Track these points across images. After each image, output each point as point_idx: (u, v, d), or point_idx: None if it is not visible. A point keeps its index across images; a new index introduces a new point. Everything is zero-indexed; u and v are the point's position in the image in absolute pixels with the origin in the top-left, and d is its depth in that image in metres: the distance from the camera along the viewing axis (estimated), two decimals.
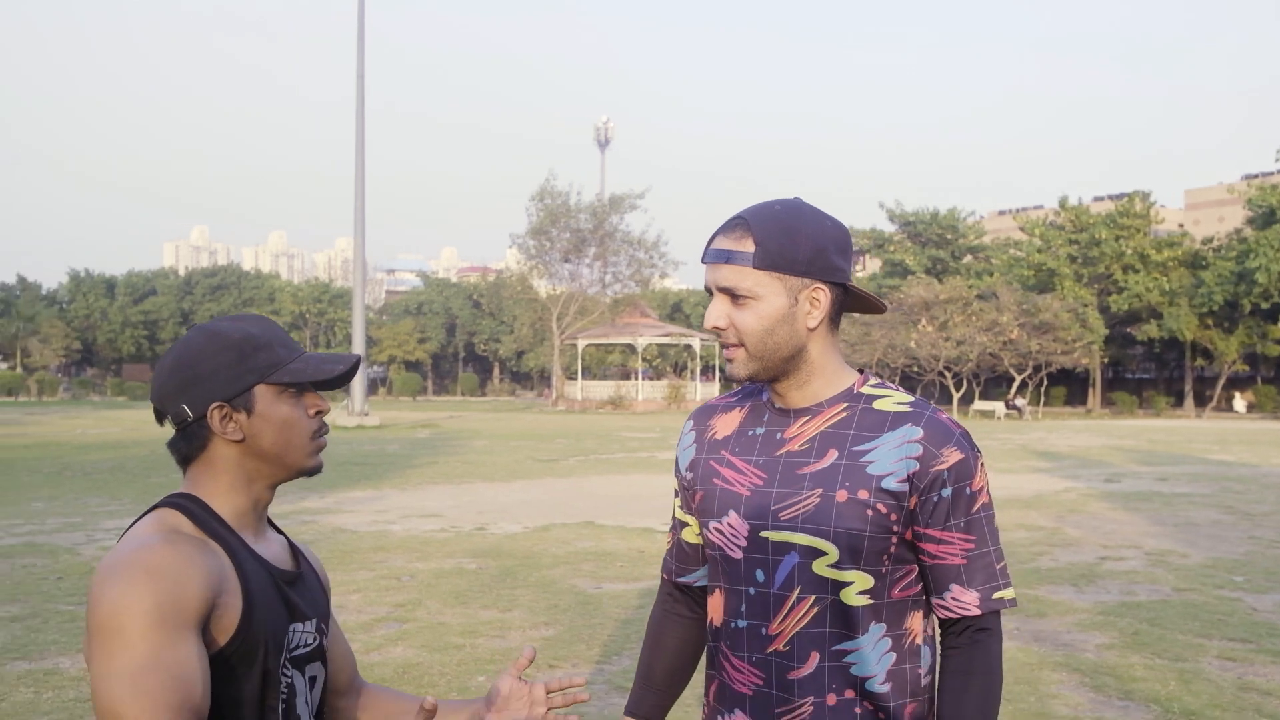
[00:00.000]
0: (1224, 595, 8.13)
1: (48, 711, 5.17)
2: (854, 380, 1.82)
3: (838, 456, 1.75)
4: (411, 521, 11.92)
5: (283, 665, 1.59)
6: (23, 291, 76.09)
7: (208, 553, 1.53)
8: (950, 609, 1.76)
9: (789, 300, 1.74)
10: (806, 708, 1.74)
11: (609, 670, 5.95)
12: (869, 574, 1.72)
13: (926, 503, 1.72)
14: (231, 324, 1.65)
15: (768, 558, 1.76)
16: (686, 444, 1.97)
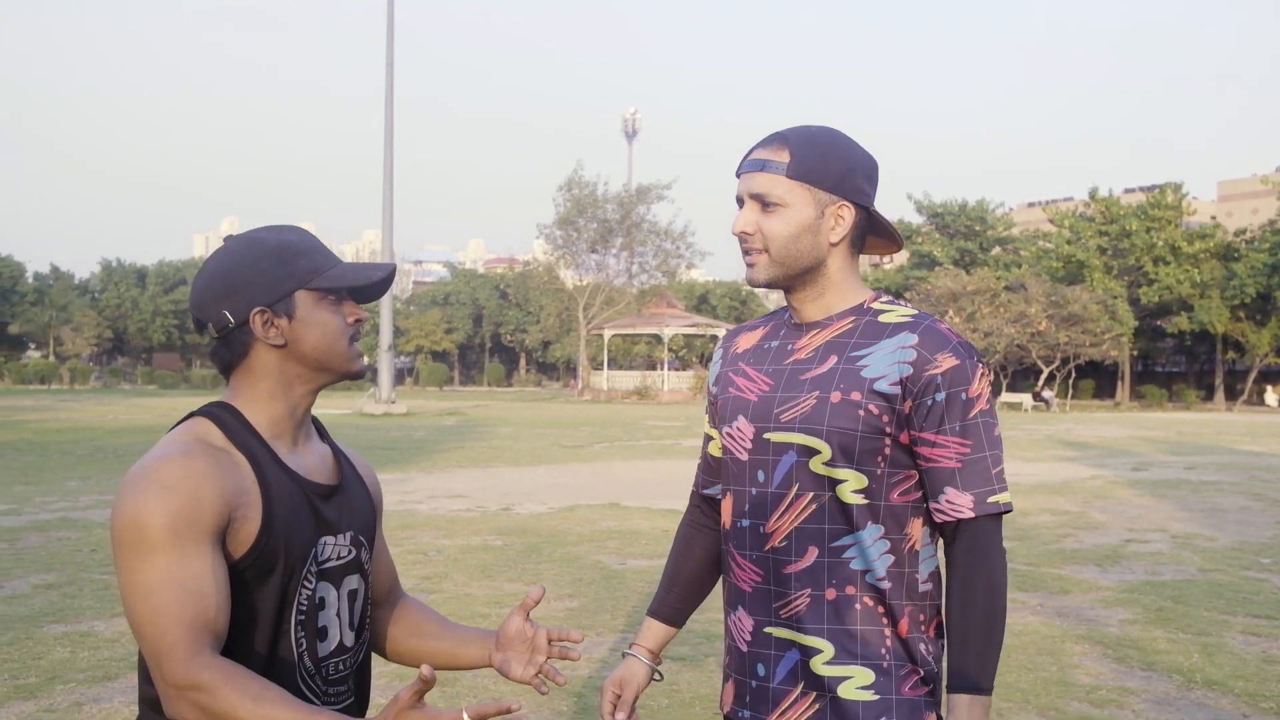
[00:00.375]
0: (1250, 576, 8.10)
1: (84, 669, 5.28)
2: (866, 297, 1.90)
3: (836, 362, 1.84)
4: (438, 502, 12.03)
5: (305, 578, 1.62)
6: (56, 281, 76.95)
7: (228, 465, 1.56)
8: (945, 512, 1.80)
9: (816, 212, 1.82)
10: (803, 600, 1.80)
11: (631, 639, 6.00)
12: (862, 474, 1.79)
13: (920, 406, 1.78)
14: (269, 232, 1.68)
15: (768, 458, 1.84)
16: (716, 360, 2.07)
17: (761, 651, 1.86)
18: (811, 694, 1.80)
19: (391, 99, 37.37)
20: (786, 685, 1.83)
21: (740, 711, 1.91)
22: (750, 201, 1.85)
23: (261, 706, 1.43)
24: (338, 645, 1.69)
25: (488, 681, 5.17)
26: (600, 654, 5.71)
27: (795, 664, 1.81)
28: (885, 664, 1.79)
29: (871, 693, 1.78)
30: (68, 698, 4.85)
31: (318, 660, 1.66)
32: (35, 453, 17.77)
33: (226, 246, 1.68)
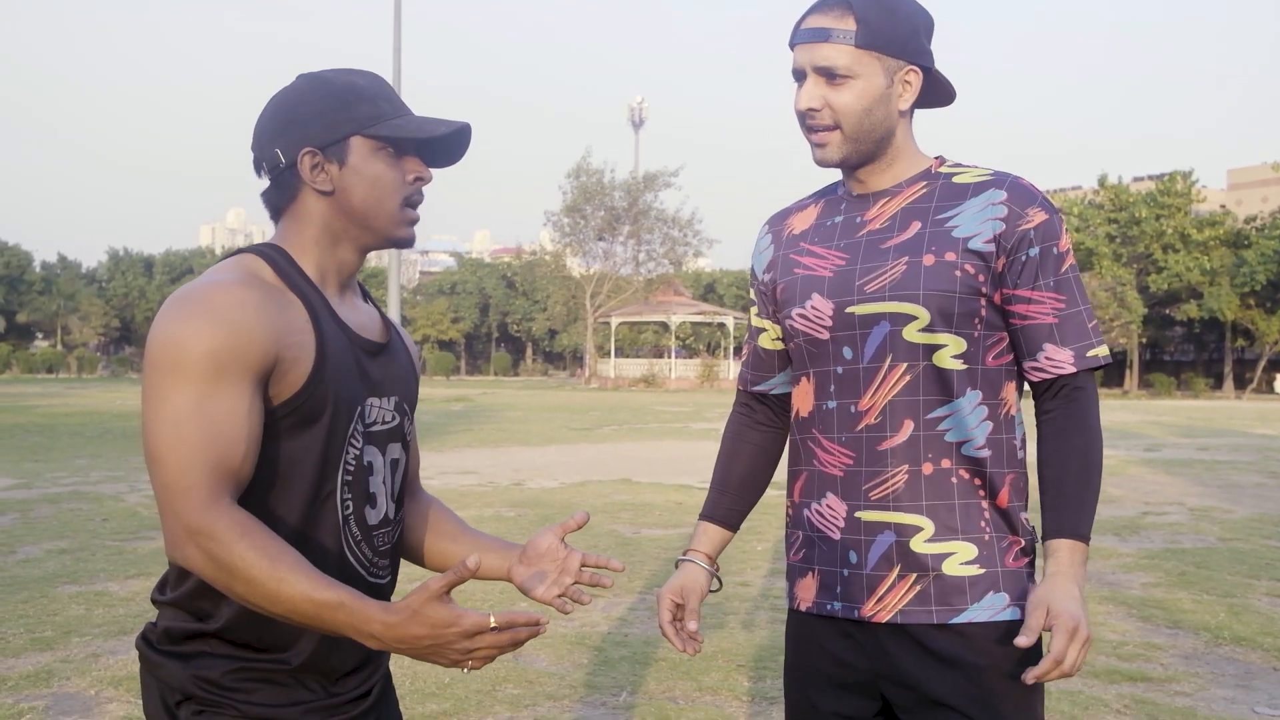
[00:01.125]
0: (1271, 544, 8.03)
1: (99, 624, 5.24)
2: (930, 162, 1.83)
3: (921, 226, 1.76)
4: (449, 477, 11.99)
5: (352, 435, 1.52)
6: (63, 270, 77.04)
7: (283, 302, 1.47)
8: (1044, 369, 1.74)
9: (886, 80, 1.74)
10: (900, 477, 1.73)
11: (651, 600, 5.96)
12: (961, 337, 1.72)
13: (1014, 263, 1.72)
14: (340, 73, 1.56)
15: (854, 333, 1.76)
16: (763, 248, 1.97)
17: (854, 538, 1.78)
18: (911, 575, 1.73)
19: (399, 87, 37.22)
20: (881, 570, 1.75)
21: (828, 604, 1.82)
22: (814, 75, 1.74)
23: (277, 568, 1.33)
24: (384, 516, 1.60)
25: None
26: (619, 612, 5.66)
27: (890, 546, 1.74)
28: (987, 537, 1.73)
29: (976, 567, 1.72)
30: (84, 649, 4.81)
31: (367, 528, 1.56)
32: (44, 434, 17.76)
33: (292, 83, 1.57)
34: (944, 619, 1.72)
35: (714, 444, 16.95)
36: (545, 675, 4.53)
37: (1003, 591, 1.73)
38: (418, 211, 1.59)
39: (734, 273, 74.62)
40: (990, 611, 1.72)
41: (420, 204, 1.59)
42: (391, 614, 1.32)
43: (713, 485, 2.04)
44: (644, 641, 5.06)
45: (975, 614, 1.71)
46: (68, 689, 4.30)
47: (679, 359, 54.26)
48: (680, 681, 4.47)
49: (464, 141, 1.62)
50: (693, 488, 11.09)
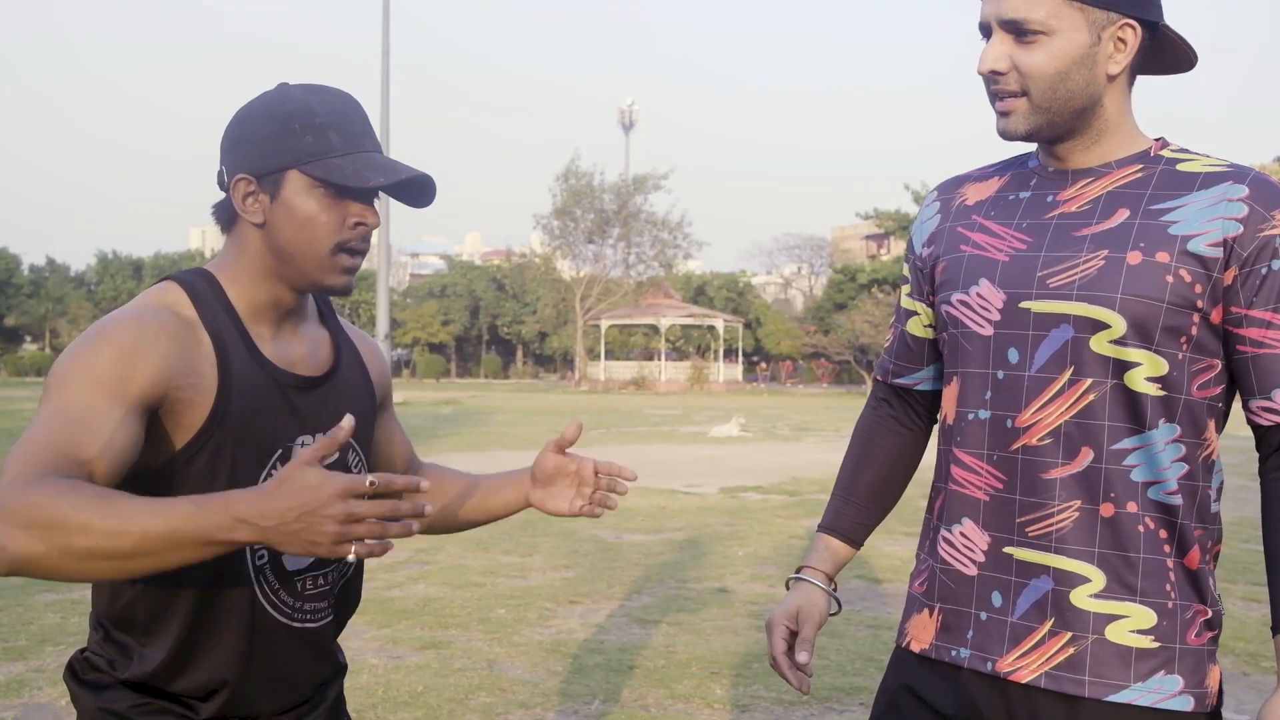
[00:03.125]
0: (1249, 548, 8.08)
1: (74, 633, 5.22)
2: (1150, 144, 1.52)
3: (1130, 215, 1.45)
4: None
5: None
6: (52, 273, 76.81)
7: (186, 339, 1.39)
8: (1276, 412, 1.44)
9: (1090, 37, 1.43)
10: (1069, 514, 1.45)
11: (630, 606, 5.96)
12: (1162, 357, 1.43)
13: (1251, 275, 1.41)
14: (301, 92, 1.45)
15: (1027, 333, 1.47)
16: (927, 216, 1.68)
17: (998, 576, 1.50)
18: (1066, 634, 1.45)
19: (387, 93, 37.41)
20: (1031, 621, 1.47)
21: (954, 650, 1.54)
22: (1000, 30, 1.45)
23: (112, 503, 1.17)
24: (312, 560, 1.51)
25: (482, 644, 5.13)
26: (597, 619, 5.66)
27: (1046, 594, 1.46)
28: (1170, 604, 1.44)
29: (1150, 639, 1.43)
30: (58, 659, 4.79)
31: (284, 574, 1.50)
32: None
33: (260, 95, 1.48)
34: (1098, 694, 1.43)
35: (702, 448, 17.02)
36: (519, 683, 4.54)
37: (1176, 673, 1.43)
38: (357, 259, 1.48)
39: (724, 275, 74.65)
40: (1157, 696, 1.42)
41: (363, 251, 1.49)
42: (256, 490, 1.18)
43: (836, 492, 1.77)
44: (619, 649, 5.07)
45: (1137, 695, 1.42)
46: (39, 699, 4.29)
47: (669, 362, 54.30)
48: (653, 689, 4.48)
49: (419, 188, 1.50)
50: (678, 492, 11.10)
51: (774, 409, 31.17)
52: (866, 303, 48.84)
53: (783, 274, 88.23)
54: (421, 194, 1.51)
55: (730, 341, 54.46)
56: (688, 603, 6.03)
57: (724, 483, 12.03)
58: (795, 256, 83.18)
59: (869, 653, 5.01)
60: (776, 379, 62.63)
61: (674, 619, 5.65)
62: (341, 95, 1.47)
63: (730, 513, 9.68)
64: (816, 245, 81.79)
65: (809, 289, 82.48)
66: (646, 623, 5.58)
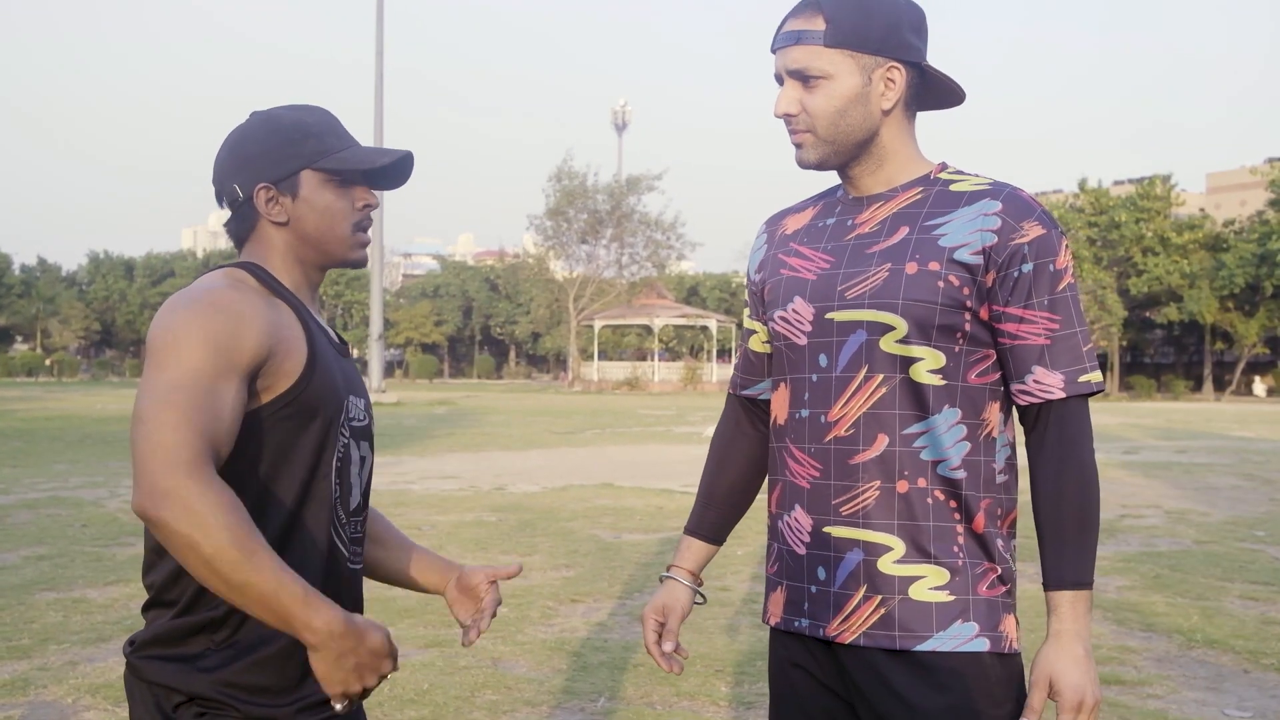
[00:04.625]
0: (1245, 547, 8.12)
1: (76, 631, 5.23)
2: (931, 168, 1.75)
3: (909, 232, 1.68)
4: (430, 482, 11.97)
5: (342, 426, 1.62)
6: (43, 273, 76.57)
7: (273, 305, 1.57)
8: (1032, 392, 1.65)
9: (862, 80, 1.66)
10: (870, 493, 1.66)
11: (631, 605, 5.98)
12: (940, 351, 1.64)
13: (1006, 279, 1.63)
14: (288, 111, 1.68)
15: (831, 340, 1.70)
16: (757, 247, 1.92)
17: (820, 553, 1.71)
18: (877, 597, 1.65)
19: (381, 95, 37.35)
20: (848, 589, 1.68)
21: (796, 620, 1.76)
22: (790, 79, 1.69)
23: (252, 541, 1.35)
24: (357, 505, 1.69)
25: (485, 642, 5.14)
26: (599, 618, 5.68)
27: (858, 565, 1.67)
28: (960, 562, 1.65)
29: (946, 593, 1.64)
30: (61, 657, 4.80)
31: (349, 514, 1.66)
32: (23, 439, 17.64)
33: (247, 121, 1.69)
34: (906, 645, 1.64)
35: (697, 447, 17.02)
36: (524, 681, 4.55)
37: (972, 620, 1.64)
38: (368, 234, 1.72)
39: (717, 276, 74.70)
40: (956, 641, 1.63)
41: (370, 227, 1.72)
42: (348, 621, 1.40)
43: (698, 498, 1.98)
44: (623, 647, 5.09)
45: (939, 643, 1.63)
46: (44, 697, 4.29)
47: (662, 362, 54.31)
48: (658, 687, 4.50)
49: (406, 168, 1.74)
50: (674, 492, 11.11)
51: None
52: None
53: None
54: (404, 174, 1.76)
55: (724, 342, 54.46)
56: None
57: None
58: None
59: None
60: None
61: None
62: (319, 108, 1.71)
63: None
64: None
65: None
66: None
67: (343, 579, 1.65)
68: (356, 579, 1.71)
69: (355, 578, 1.70)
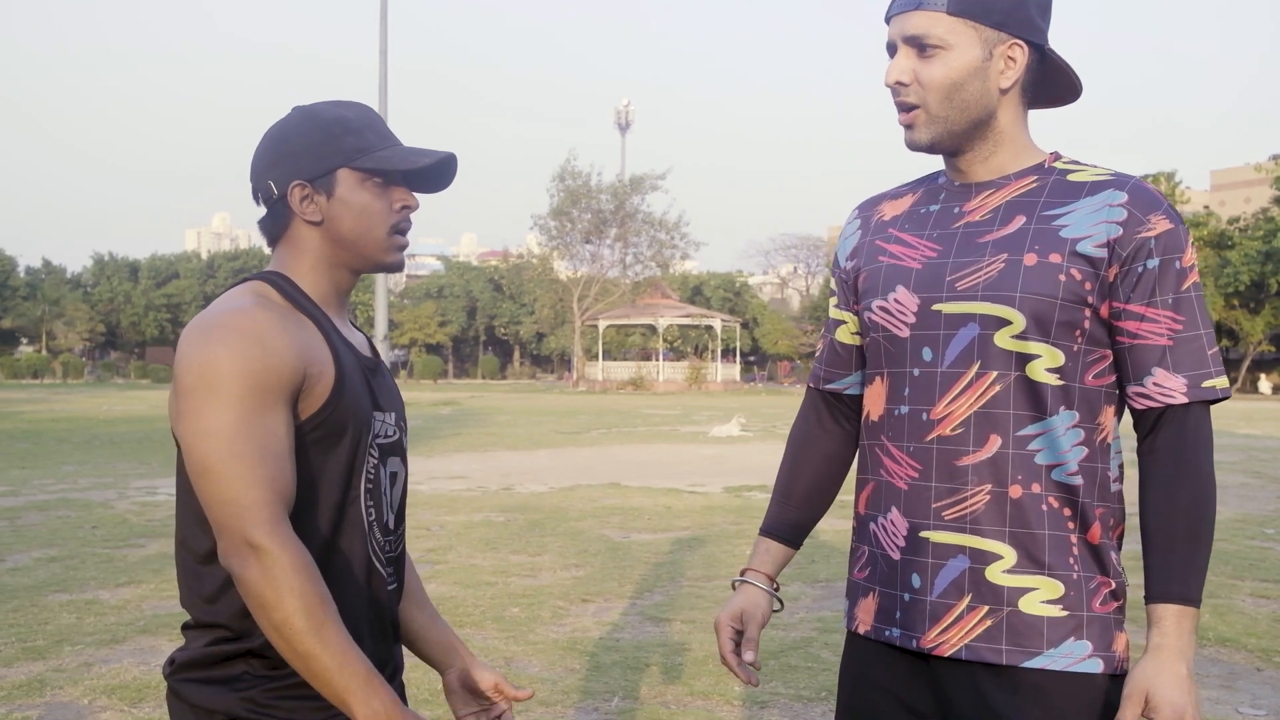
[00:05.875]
0: (1255, 544, 8.11)
1: (90, 633, 5.24)
2: (1044, 157, 1.65)
3: (1026, 221, 1.58)
4: (438, 482, 11.99)
5: (370, 447, 1.58)
6: (48, 275, 76.66)
7: (298, 323, 1.53)
8: (1151, 396, 1.55)
9: (982, 53, 1.57)
10: (980, 497, 1.56)
11: (642, 604, 5.99)
12: (1058, 349, 1.55)
13: (1129, 274, 1.53)
14: (328, 106, 1.62)
15: (938, 332, 1.60)
16: (849, 233, 1.81)
17: (916, 559, 1.61)
18: (983, 607, 1.55)
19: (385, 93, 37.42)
20: (949, 599, 1.58)
21: (886, 630, 1.66)
22: (904, 46, 1.59)
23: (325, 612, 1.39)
24: (390, 524, 1.66)
25: (498, 642, 5.14)
26: (611, 618, 5.68)
27: (963, 573, 1.57)
28: (1075, 575, 1.55)
29: (1059, 607, 1.54)
30: (76, 659, 4.81)
31: (385, 533, 1.63)
32: (31, 440, 17.69)
33: (286, 115, 1.63)
34: (1014, 660, 1.53)
35: (702, 447, 17.05)
36: (537, 681, 4.56)
37: (1085, 639, 1.55)
38: (406, 238, 1.65)
39: (720, 275, 74.73)
40: (1068, 660, 1.53)
41: (408, 230, 1.66)
42: (400, 707, 1.42)
43: (775, 497, 1.88)
44: (635, 646, 5.09)
45: (1050, 661, 1.53)
46: (60, 698, 4.30)
47: (666, 361, 54.33)
48: (672, 686, 4.50)
49: (450, 170, 1.67)
50: (681, 492, 11.12)
51: (773, 408, 31.20)
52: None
53: (779, 274, 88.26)
54: (446, 177, 1.68)
55: (728, 341, 54.50)
56: (699, 600, 6.05)
57: (728, 482, 12.06)
58: (792, 256, 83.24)
59: None
60: (774, 378, 62.64)
61: (687, 617, 5.67)
62: (359, 104, 1.64)
63: (736, 511, 9.71)
64: (813, 245, 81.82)
65: (806, 288, 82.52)
66: (660, 621, 5.60)
67: (382, 602, 1.62)
68: (394, 599, 1.68)
69: (393, 598, 1.67)
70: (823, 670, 4.70)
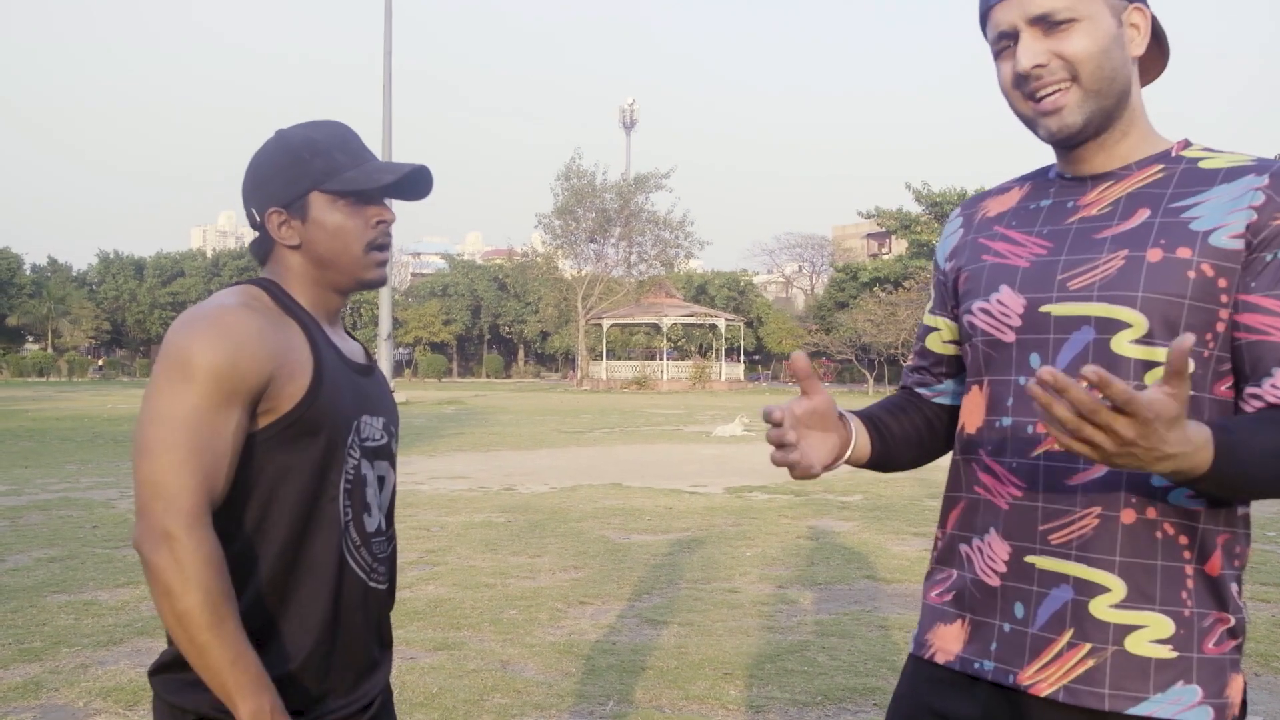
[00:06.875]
0: (1256, 548, 8.09)
1: (88, 634, 5.25)
2: (1171, 144, 1.50)
3: (1150, 214, 1.43)
4: (439, 482, 12.00)
5: (350, 447, 1.62)
6: (53, 273, 76.77)
7: (281, 325, 1.57)
8: (1265, 398, 1.37)
9: (1115, 21, 1.43)
10: (1089, 521, 1.41)
11: (640, 607, 5.98)
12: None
13: (1255, 262, 1.37)
14: (299, 129, 1.66)
15: (1048, 337, 1.44)
16: (951, 231, 1.68)
17: (1020, 586, 1.45)
18: (1085, 645, 1.40)
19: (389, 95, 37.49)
20: (1050, 632, 1.43)
21: (977, 662, 1.50)
22: (1029, 29, 1.43)
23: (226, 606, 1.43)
24: (377, 527, 1.69)
25: (494, 645, 5.15)
26: (607, 620, 5.68)
27: (1065, 604, 1.42)
28: (1187, 612, 1.39)
29: (1169, 648, 1.39)
30: (73, 660, 4.82)
31: (365, 535, 1.65)
32: (34, 439, 17.73)
33: (264, 143, 1.67)
34: (1117, 706, 1.39)
35: (705, 448, 17.05)
36: (533, 684, 4.56)
37: (1195, 684, 1.39)
38: (386, 252, 1.68)
39: (725, 274, 74.67)
40: (1175, 707, 1.38)
41: (388, 244, 1.69)
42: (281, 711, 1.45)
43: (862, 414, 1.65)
44: (632, 650, 5.09)
45: (1156, 707, 1.38)
46: (56, 700, 4.31)
47: (670, 361, 54.31)
48: (667, 690, 4.50)
49: (422, 180, 1.70)
50: (683, 492, 11.11)
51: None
52: (868, 301, 48.82)
53: (784, 273, 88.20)
54: (422, 186, 1.71)
55: (732, 340, 54.48)
56: (698, 603, 6.05)
57: (730, 482, 12.05)
58: (796, 255, 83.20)
59: (880, 653, 5.02)
60: (778, 378, 62.62)
61: (685, 620, 5.66)
62: (334, 123, 1.67)
63: (737, 513, 9.69)
64: (818, 244, 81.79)
65: (810, 288, 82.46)
66: (658, 623, 5.60)
67: (357, 601, 1.64)
68: (379, 599, 1.70)
69: (380, 597, 1.70)
70: (819, 675, 4.69)
